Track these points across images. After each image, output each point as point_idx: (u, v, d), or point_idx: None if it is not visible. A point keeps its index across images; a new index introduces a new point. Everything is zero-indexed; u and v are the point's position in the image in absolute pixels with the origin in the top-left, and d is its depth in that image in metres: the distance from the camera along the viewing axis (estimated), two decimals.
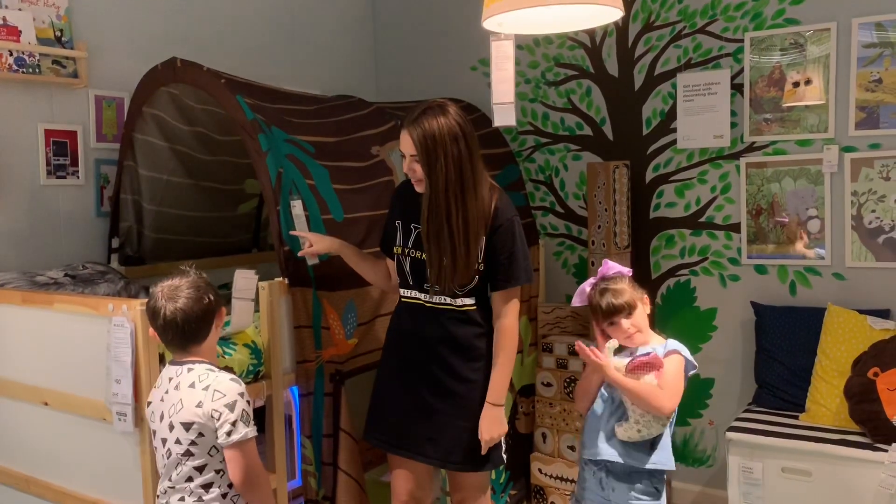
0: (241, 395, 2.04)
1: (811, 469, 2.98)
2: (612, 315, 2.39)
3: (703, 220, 3.75)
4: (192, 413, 2.01)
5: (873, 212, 3.33)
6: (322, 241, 2.63)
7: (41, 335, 2.56)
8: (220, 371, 2.10)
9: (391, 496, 2.59)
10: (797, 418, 3.21)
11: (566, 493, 3.54)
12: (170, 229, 3.46)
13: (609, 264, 2.50)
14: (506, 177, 3.82)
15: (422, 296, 2.44)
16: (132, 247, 3.36)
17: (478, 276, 2.39)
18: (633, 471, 2.36)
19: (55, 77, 3.12)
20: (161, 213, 3.39)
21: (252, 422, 2.06)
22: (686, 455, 3.83)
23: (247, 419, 2.03)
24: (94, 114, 3.28)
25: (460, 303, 2.41)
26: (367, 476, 2.89)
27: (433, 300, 2.42)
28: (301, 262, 2.67)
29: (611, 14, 2.31)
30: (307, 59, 4.29)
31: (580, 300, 2.52)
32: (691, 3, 3.71)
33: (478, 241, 2.35)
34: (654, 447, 2.35)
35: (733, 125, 3.62)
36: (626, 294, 2.39)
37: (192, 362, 2.09)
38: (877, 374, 2.97)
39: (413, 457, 2.49)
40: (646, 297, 2.46)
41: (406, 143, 2.36)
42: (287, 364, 2.66)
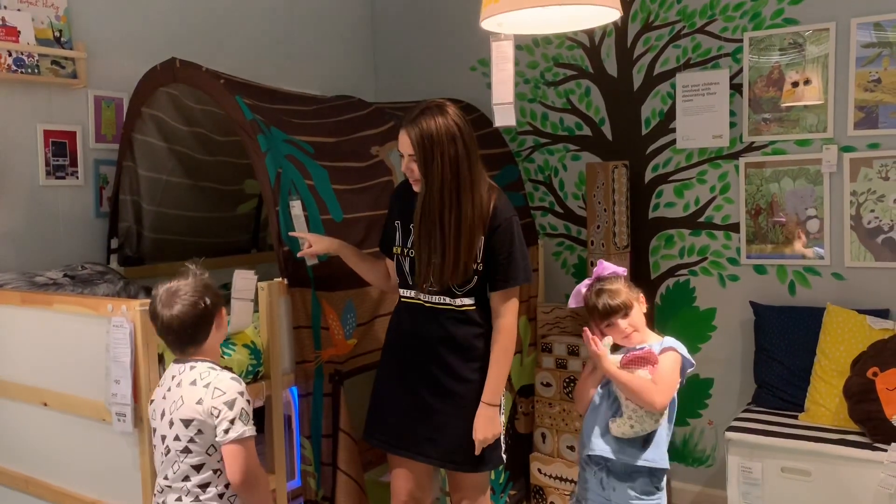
0: (241, 394, 2.05)
1: (810, 469, 2.98)
2: (609, 316, 2.40)
3: (702, 220, 3.75)
4: (192, 410, 2.02)
5: (872, 211, 3.33)
6: (321, 241, 2.63)
7: (40, 336, 2.56)
8: (222, 370, 2.11)
9: (391, 496, 2.59)
10: (796, 418, 3.21)
11: (566, 493, 3.54)
12: (169, 230, 3.46)
13: (604, 265, 2.51)
14: (505, 177, 3.82)
15: (421, 296, 2.44)
16: (131, 247, 3.35)
17: (477, 276, 2.38)
18: (633, 470, 2.36)
19: (54, 77, 3.12)
20: (160, 214, 3.39)
21: (251, 421, 2.06)
22: (685, 455, 3.83)
23: (246, 418, 2.04)
24: (93, 114, 3.28)
25: (459, 303, 2.40)
26: (366, 476, 2.89)
27: (432, 300, 2.42)
28: (300, 263, 2.67)
29: (609, 14, 2.32)
30: (306, 60, 4.29)
31: (576, 302, 2.53)
32: (690, 3, 3.71)
33: (475, 242, 2.35)
34: (648, 444, 2.35)
35: (732, 125, 3.62)
36: (622, 294, 2.40)
37: (194, 361, 2.11)
38: (876, 374, 2.97)
39: (413, 457, 2.48)
40: (642, 297, 2.47)
41: (404, 143, 2.37)
42: (286, 364, 2.66)
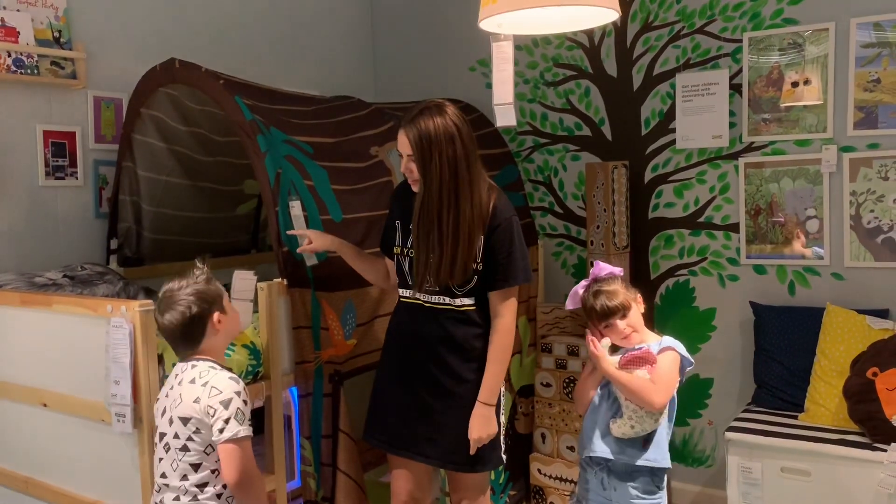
0: (238, 394, 2.05)
1: (810, 469, 2.98)
2: (608, 317, 2.40)
3: (701, 220, 3.75)
4: (189, 408, 2.03)
5: (872, 211, 3.33)
6: (321, 237, 2.63)
7: (40, 336, 2.55)
8: (222, 369, 2.11)
9: (391, 497, 2.59)
10: (796, 418, 3.21)
11: (565, 493, 3.54)
12: (168, 230, 3.46)
13: (600, 265, 2.50)
14: (504, 177, 3.82)
15: (420, 296, 2.44)
16: (131, 248, 3.35)
17: (476, 276, 2.38)
18: (634, 469, 2.36)
19: (54, 78, 3.12)
20: (160, 214, 3.38)
21: (248, 421, 2.05)
22: (685, 455, 3.83)
23: (241, 418, 2.03)
24: (92, 115, 3.28)
25: (459, 303, 2.40)
26: (366, 477, 2.88)
27: (431, 300, 2.42)
28: (300, 263, 2.67)
29: (607, 15, 2.31)
30: (306, 60, 4.29)
31: (573, 303, 2.53)
32: (690, 3, 3.71)
33: (474, 241, 2.35)
34: (648, 444, 2.35)
35: (732, 125, 3.62)
36: (619, 295, 2.40)
37: (196, 359, 2.12)
38: (875, 374, 2.97)
39: (413, 457, 2.48)
40: (639, 297, 2.47)
41: (402, 143, 2.37)
42: (286, 365, 2.66)
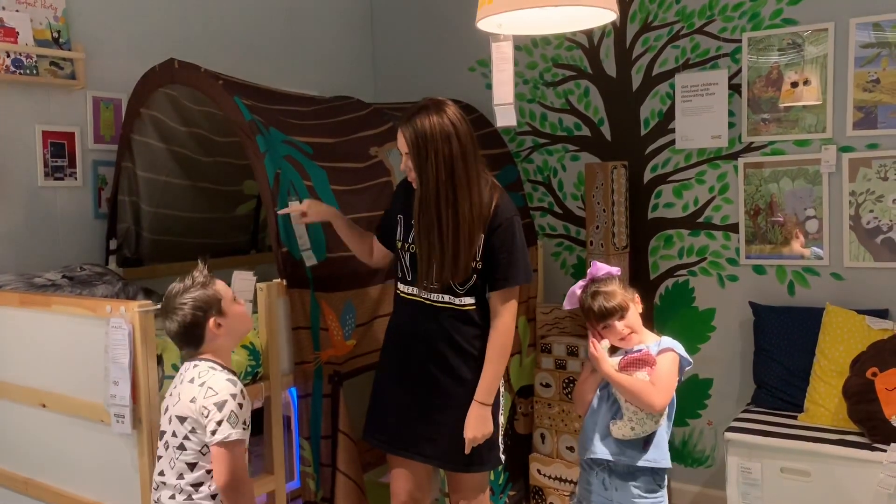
0: (233, 396, 2.03)
1: (810, 469, 2.98)
2: (606, 318, 2.40)
3: (701, 220, 3.75)
4: (186, 407, 2.03)
5: (871, 212, 3.33)
6: (317, 206, 2.63)
7: (39, 337, 2.55)
8: (223, 370, 2.10)
9: (390, 497, 2.59)
10: (796, 418, 3.21)
11: (565, 493, 3.54)
12: (168, 230, 3.45)
13: (598, 265, 2.50)
14: (504, 177, 3.82)
15: (422, 294, 2.43)
16: (130, 248, 3.35)
17: (476, 275, 2.38)
18: (635, 469, 2.36)
19: (53, 78, 3.12)
20: (159, 215, 3.38)
21: (241, 424, 2.02)
22: (685, 455, 3.83)
23: (234, 421, 2.00)
24: (91, 115, 3.28)
25: (460, 302, 2.40)
26: (366, 477, 2.88)
27: (432, 298, 2.41)
28: (299, 264, 2.67)
29: (605, 16, 2.31)
30: (305, 60, 4.28)
31: (570, 303, 2.52)
32: (689, 3, 3.71)
33: (474, 240, 2.34)
34: (649, 445, 2.35)
35: (731, 125, 3.62)
36: (617, 296, 2.40)
37: (199, 359, 2.11)
38: (875, 374, 2.97)
39: (412, 456, 2.48)
40: (637, 297, 2.47)
41: (400, 141, 2.38)
42: (285, 365, 2.65)
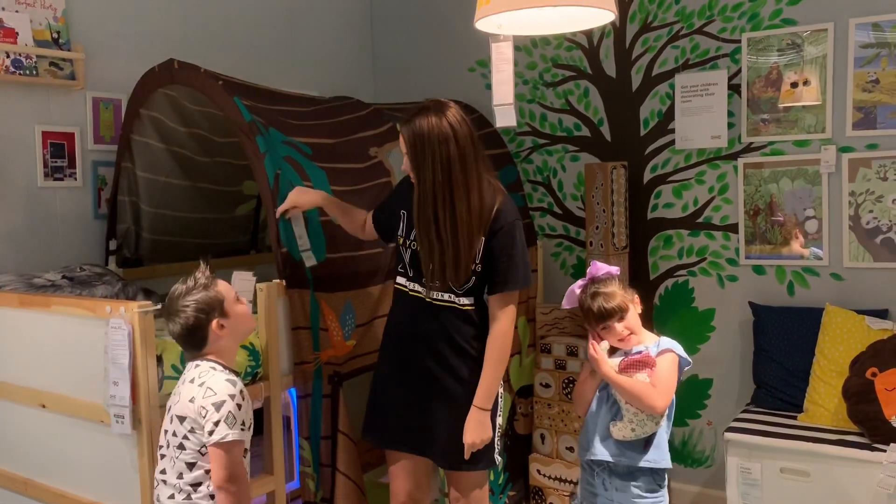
0: (232, 397, 2.02)
1: (809, 469, 2.98)
2: (605, 319, 2.39)
3: (700, 220, 3.75)
4: (186, 407, 2.03)
5: (871, 212, 3.33)
6: (304, 195, 2.62)
7: (38, 337, 2.55)
8: (224, 370, 2.09)
9: (390, 497, 2.59)
10: (795, 419, 3.21)
11: (565, 493, 3.54)
12: (167, 231, 3.46)
13: (597, 265, 2.49)
14: (504, 178, 3.79)
15: (422, 290, 2.43)
16: (130, 248, 3.35)
17: (475, 277, 2.37)
18: (636, 469, 2.36)
19: (52, 79, 3.12)
20: (159, 215, 3.38)
21: (239, 425, 2.01)
22: (684, 455, 3.83)
23: (232, 421, 1.99)
24: (91, 115, 3.28)
25: (460, 301, 2.40)
26: (365, 477, 2.88)
27: (432, 296, 2.41)
28: (299, 264, 2.67)
29: (603, 16, 2.31)
30: (305, 61, 4.28)
31: (569, 302, 2.52)
32: (688, 3, 3.71)
33: (472, 243, 2.33)
34: (649, 446, 2.35)
35: (731, 126, 3.62)
36: (616, 297, 2.39)
37: (201, 359, 2.11)
38: (875, 375, 2.97)
39: (408, 451, 2.48)
40: (637, 298, 2.46)
41: (401, 141, 2.39)
42: (285, 366, 2.65)
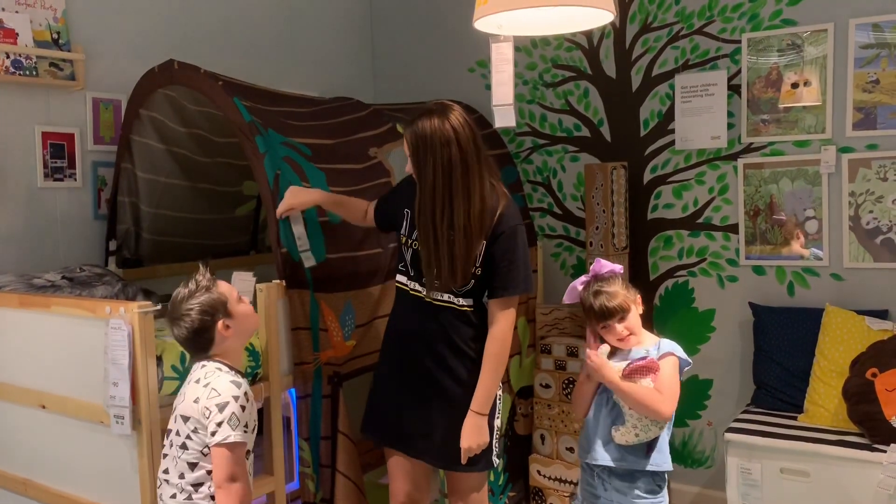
0: (236, 399, 2.01)
1: (809, 470, 2.97)
2: (606, 319, 2.38)
3: (700, 221, 3.75)
4: (190, 407, 2.03)
5: (871, 212, 3.33)
6: (300, 196, 2.62)
7: (38, 338, 2.55)
8: (229, 371, 2.09)
9: (389, 498, 2.59)
10: (795, 419, 3.21)
11: (565, 494, 3.54)
12: (167, 231, 3.46)
13: (601, 263, 2.48)
14: (504, 178, 3.76)
15: (422, 289, 2.43)
16: (130, 249, 3.35)
17: (475, 280, 2.37)
18: (636, 471, 2.35)
19: (52, 79, 3.12)
20: (158, 216, 3.38)
21: (243, 427, 2.01)
22: (684, 456, 3.83)
23: (235, 423, 1.99)
24: (91, 116, 3.28)
25: (459, 302, 2.40)
26: (365, 478, 2.88)
27: (433, 296, 2.41)
28: (299, 265, 2.66)
29: (602, 16, 2.31)
30: (304, 61, 4.29)
31: (570, 298, 2.50)
32: (688, 4, 3.71)
33: (472, 247, 2.33)
34: (651, 449, 2.34)
35: (731, 126, 3.62)
36: (618, 297, 2.38)
37: (207, 359, 2.11)
38: (875, 375, 2.97)
39: (406, 451, 2.48)
40: (638, 298, 2.45)
41: (404, 143, 2.39)
42: (285, 366, 2.65)
